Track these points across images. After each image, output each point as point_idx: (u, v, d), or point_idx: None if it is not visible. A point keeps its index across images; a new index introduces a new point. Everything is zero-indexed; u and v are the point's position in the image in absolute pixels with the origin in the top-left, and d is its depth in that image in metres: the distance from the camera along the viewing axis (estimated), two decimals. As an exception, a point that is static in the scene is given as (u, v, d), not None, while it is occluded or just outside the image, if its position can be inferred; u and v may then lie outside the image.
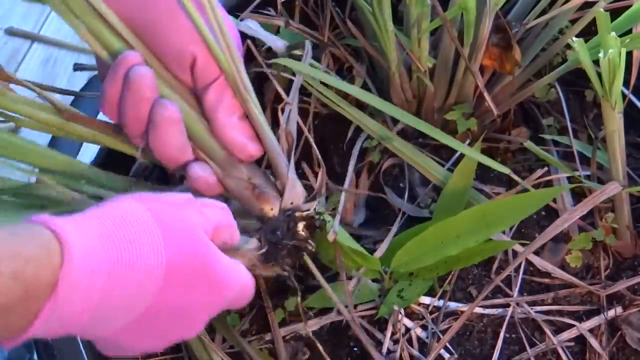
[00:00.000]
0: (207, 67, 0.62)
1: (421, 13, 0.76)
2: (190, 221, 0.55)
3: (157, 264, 0.50)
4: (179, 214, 0.55)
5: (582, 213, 0.70)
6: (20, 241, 0.44)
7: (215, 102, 0.63)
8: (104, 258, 0.47)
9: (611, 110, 0.67)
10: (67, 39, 1.30)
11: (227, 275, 0.57)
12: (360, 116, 0.83)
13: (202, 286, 0.55)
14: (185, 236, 0.53)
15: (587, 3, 0.77)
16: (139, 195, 0.54)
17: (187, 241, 0.53)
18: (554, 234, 0.71)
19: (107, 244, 0.48)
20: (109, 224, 0.49)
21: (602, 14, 0.60)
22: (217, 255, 0.57)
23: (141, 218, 0.51)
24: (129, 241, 0.49)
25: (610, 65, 0.62)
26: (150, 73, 0.59)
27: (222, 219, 0.59)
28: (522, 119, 0.91)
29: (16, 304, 0.42)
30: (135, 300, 0.50)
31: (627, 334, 0.75)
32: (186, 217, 0.55)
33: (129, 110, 0.60)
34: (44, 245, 0.44)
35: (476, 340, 0.77)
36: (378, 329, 0.76)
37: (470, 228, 0.72)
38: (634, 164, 0.86)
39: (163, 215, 0.52)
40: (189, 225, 0.54)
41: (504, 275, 0.74)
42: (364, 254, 0.75)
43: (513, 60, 0.80)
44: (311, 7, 0.97)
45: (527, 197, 0.73)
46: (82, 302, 0.46)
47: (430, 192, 0.85)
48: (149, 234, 0.50)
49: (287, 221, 0.66)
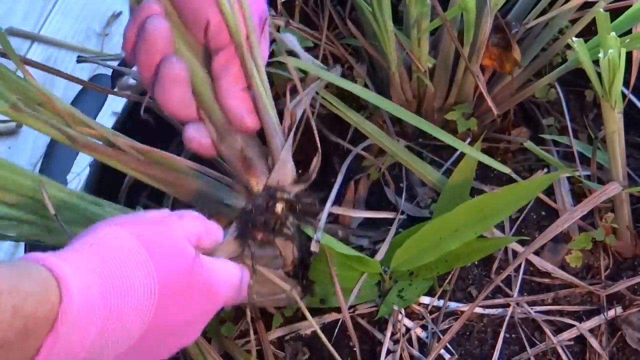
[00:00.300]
0: (219, 33, 0.62)
1: (421, 13, 0.76)
2: (174, 236, 0.55)
3: (151, 289, 0.51)
4: (162, 231, 0.55)
5: (582, 213, 0.70)
6: (19, 277, 0.44)
7: (221, 68, 0.63)
8: (99, 292, 0.48)
9: (611, 110, 0.67)
10: (67, 39, 1.31)
11: (219, 280, 0.58)
12: (359, 119, 0.83)
13: (198, 297, 0.56)
14: (172, 253, 0.54)
15: (587, 3, 0.77)
16: (120, 220, 0.54)
17: (175, 258, 0.54)
18: (554, 234, 0.71)
19: (100, 278, 0.48)
20: (99, 257, 0.49)
21: (602, 14, 0.60)
22: (206, 263, 0.57)
23: (128, 246, 0.51)
24: (121, 272, 0.49)
25: (610, 65, 0.62)
26: (165, 27, 0.59)
27: (200, 228, 0.59)
28: (522, 119, 0.91)
29: (15, 339, 0.42)
30: (133, 326, 0.50)
31: (627, 334, 0.75)
32: (170, 234, 0.55)
33: (141, 56, 0.60)
34: (42, 282, 0.45)
35: (476, 340, 0.77)
36: (378, 329, 0.76)
37: (469, 221, 0.72)
38: (634, 164, 0.86)
39: (148, 236, 0.53)
40: (174, 242, 0.55)
41: (504, 275, 0.74)
42: (362, 259, 0.74)
43: (513, 60, 0.80)
44: (311, 7, 0.97)
45: (523, 186, 0.73)
46: (82, 337, 0.46)
47: (429, 192, 0.85)
48: (138, 260, 0.51)
49: (267, 199, 0.66)
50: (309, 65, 0.76)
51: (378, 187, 0.87)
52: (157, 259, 0.52)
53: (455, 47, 0.79)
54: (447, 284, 0.78)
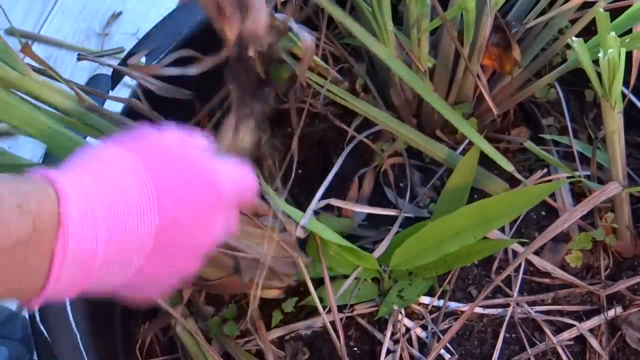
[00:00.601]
0: None
1: (421, 13, 0.76)
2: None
3: (149, 197, 0.48)
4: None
5: (582, 213, 0.70)
6: (17, 180, 0.43)
7: None
8: (100, 201, 0.46)
9: (611, 110, 0.67)
10: (67, 39, 1.30)
11: (233, 187, 0.54)
12: (364, 106, 0.84)
13: (213, 212, 0.52)
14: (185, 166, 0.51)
15: (587, 3, 0.77)
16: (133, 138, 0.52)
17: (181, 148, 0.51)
18: (554, 234, 0.71)
19: (100, 191, 0.46)
20: (100, 178, 0.47)
21: (602, 14, 0.60)
22: (218, 169, 0.53)
23: (130, 167, 0.48)
24: (113, 175, 0.47)
25: (610, 65, 0.62)
26: None
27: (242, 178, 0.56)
28: (522, 119, 0.91)
29: (29, 238, 0.41)
30: (141, 240, 0.47)
31: (627, 334, 0.75)
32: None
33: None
34: (40, 186, 0.44)
35: (476, 340, 0.77)
36: (378, 329, 0.76)
37: (469, 225, 0.72)
38: (634, 164, 0.86)
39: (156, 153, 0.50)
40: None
41: (504, 275, 0.74)
42: (357, 252, 0.74)
43: (513, 60, 0.80)
44: (311, 7, 0.97)
45: (525, 192, 0.73)
46: (90, 238, 0.44)
47: (429, 192, 0.85)
48: (143, 185, 0.48)
49: (241, 48, 0.63)
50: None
51: (379, 187, 0.87)
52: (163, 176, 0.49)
53: (455, 47, 0.79)
54: (447, 284, 0.78)
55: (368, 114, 0.82)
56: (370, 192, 0.87)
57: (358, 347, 0.77)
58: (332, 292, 0.74)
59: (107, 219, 0.45)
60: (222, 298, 0.81)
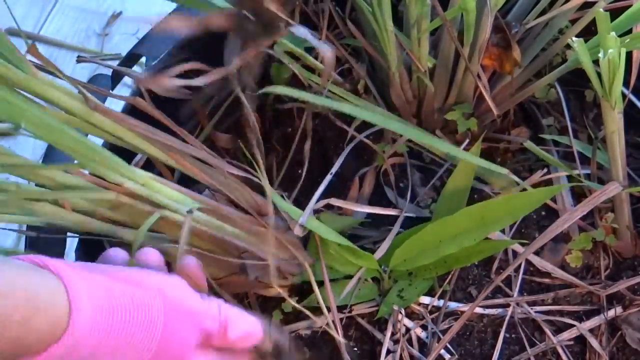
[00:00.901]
0: None
1: (421, 13, 0.76)
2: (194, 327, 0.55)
3: (150, 345, 0.51)
4: (190, 314, 0.54)
5: (582, 213, 0.70)
6: (33, 286, 0.45)
7: None
8: (103, 313, 0.48)
9: (611, 110, 0.67)
10: (67, 39, 1.30)
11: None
12: (365, 105, 0.84)
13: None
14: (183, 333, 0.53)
15: (587, 3, 0.77)
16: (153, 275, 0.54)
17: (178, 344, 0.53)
18: (554, 234, 0.71)
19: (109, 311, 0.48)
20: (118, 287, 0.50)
21: (602, 14, 0.60)
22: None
23: (151, 308, 0.51)
24: (128, 311, 0.49)
25: (610, 65, 0.62)
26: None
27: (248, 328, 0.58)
28: (522, 119, 0.91)
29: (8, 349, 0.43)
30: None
31: (627, 334, 0.75)
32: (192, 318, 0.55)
33: None
34: (52, 292, 0.45)
35: (476, 340, 0.77)
36: (378, 329, 0.76)
37: (469, 227, 0.72)
38: (634, 164, 0.86)
39: (174, 311, 0.53)
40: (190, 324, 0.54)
41: (504, 275, 0.74)
42: (357, 252, 0.74)
43: (513, 60, 0.80)
44: (311, 7, 0.97)
45: (526, 195, 0.73)
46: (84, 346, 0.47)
47: (430, 192, 0.85)
48: (150, 320, 0.51)
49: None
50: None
51: (379, 188, 0.87)
52: (168, 330, 0.51)
53: (455, 47, 0.79)
54: (447, 284, 0.78)
55: (371, 115, 0.83)
56: (370, 192, 0.87)
57: (358, 347, 0.77)
58: (331, 293, 0.74)
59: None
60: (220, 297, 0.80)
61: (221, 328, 0.56)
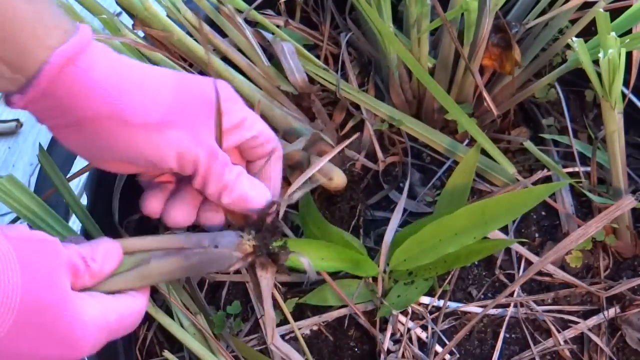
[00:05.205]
0: None
1: (421, 13, 0.76)
2: (54, 262, 0.50)
3: (11, 303, 0.46)
4: (43, 251, 0.50)
5: (596, 229, 0.69)
6: None
7: None
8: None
9: (611, 110, 0.67)
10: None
11: (84, 332, 0.51)
12: (370, 100, 0.84)
13: (52, 341, 0.49)
14: (46, 279, 0.48)
15: (587, 3, 0.78)
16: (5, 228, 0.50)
17: (47, 287, 0.48)
18: (569, 249, 0.69)
19: None
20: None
21: (602, 14, 0.60)
22: (77, 307, 0.50)
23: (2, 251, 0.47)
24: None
25: (610, 65, 0.62)
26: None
27: (90, 254, 0.53)
28: (522, 119, 0.91)
29: None
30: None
31: (627, 334, 0.75)
32: (51, 257, 0.50)
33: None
34: None
35: (476, 340, 0.77)
36: (378, 329, 0.76)
37: (468, 225, 0.72)
38: (634, 164, 0.86)
39: (25, 252, 0.48)
40: (51, 267, 0.49)
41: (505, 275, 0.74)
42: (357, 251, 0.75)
43: (513, 60, 0.80)
44: (311, 7, 0.97)
45: (525, 193, 0.73)
46: None
47: (429, 192, 0.85)
48: (7, 268, 0.46)
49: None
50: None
51: (378, 187, 0.87)
52: (26, 277, 0.47)
53: (455, 47, 0.79)
54: (447, 284, 0.78)
55: (371, 106, 0.85)
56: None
57: (358, 347, 0.77)
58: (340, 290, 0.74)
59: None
60: (221, 297, 0.81)
61: (80, 259, 0.52)
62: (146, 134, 0.53)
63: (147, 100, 0.53)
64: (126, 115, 0.52)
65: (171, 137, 0.54)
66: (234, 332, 0.77)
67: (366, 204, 0.85)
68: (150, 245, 0.57)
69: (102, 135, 0.53)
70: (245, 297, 0.80)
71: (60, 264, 0.50)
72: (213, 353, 0.72)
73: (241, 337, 0.77)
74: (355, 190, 0.84)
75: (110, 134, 0.52)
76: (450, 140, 0.84)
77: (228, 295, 0.81)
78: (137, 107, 0.52)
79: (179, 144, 0.54)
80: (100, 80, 0.51)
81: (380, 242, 0.79)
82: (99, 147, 0.54)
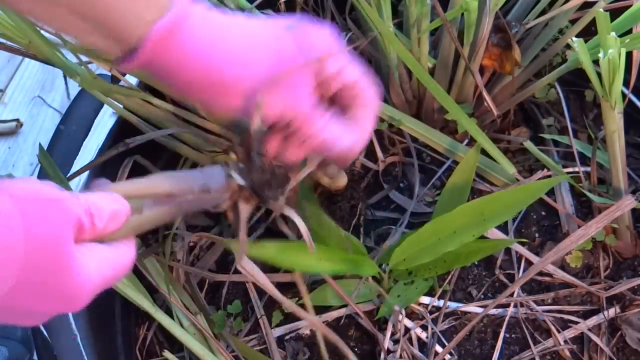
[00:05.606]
0: None
1: (421, 13, 0.76)
2: (61, 221, 0.49)
3: (14, 262, 0.46)
4: (48, 205, 0.49)
5: (597, 229, 0.69)
6: None
7: None
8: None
9: (611, 110, 0.67)
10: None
11: (84, 288, 0.51)
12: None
13: (52, 298, 0.50)
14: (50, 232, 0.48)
15: (587, 3, 0.78)
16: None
17: (50, 250, 0.48)
18: (569, 249, 0.70)
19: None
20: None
21: (602, 14, 0.60)
22: (79, 265, 0.50)
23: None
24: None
25: (610, 65, 0.63)
26: None
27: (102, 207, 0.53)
28: (522, 119, 0.91)
29: None
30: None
31: (627, 334, 0.75)
32: (57, 211, 0.49)
33: None
34: None
35: (476, 340, 0.77)
36: (378, 329, 0.76)
37: (467, 223, 0.72)
38: (634, 164, 0.86)
39: (31, 213, 0.48)
40: (56, 221, 0.49)
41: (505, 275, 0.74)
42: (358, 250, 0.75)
43: (513, 60, 0.80)
44: (311, 7, 0.97)
45: (524, 189, 0.73)
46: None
47: (429, 192, 0.85)
48: (10, 231, 0.46)
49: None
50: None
51: (378, 187, 0.87)
52: (30, 241, 0.47)
53: (455, 47, 0.79)
54: (447, 284, 0.78)
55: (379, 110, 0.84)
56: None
57: (358, 347, 0.77)
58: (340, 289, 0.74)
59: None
60: (221, 297, 0.81)
61: (88, 217, 0.52)
62: (243, 100, 0.56)
63: (242, 70, 0.55)
64: (221, 85, 0.55)
65: (269, 101, 0.56)
66: (234, 332, 0.77)
67: (367, 203, 0.85)
68: (142, 190, 0.58)
69: (205, 96, 0.57)
70: (245, 297, 0.80)
71: (66, 222, 0.50)
72: (213, 353, 0.72)
73: (241, 337, 0.77)
74: (355, 190, 0.84)
75: (211, 96, 0.56)
76: (450, 140, 0.84)
77: (228, 295, 0.81)
78: (232, 78, 0.55)
79: (275, 105, 0.57)
80: (196, 51, 0.53)
81: (380, 242, 0.79)
82: (204, 101, 0.58)
